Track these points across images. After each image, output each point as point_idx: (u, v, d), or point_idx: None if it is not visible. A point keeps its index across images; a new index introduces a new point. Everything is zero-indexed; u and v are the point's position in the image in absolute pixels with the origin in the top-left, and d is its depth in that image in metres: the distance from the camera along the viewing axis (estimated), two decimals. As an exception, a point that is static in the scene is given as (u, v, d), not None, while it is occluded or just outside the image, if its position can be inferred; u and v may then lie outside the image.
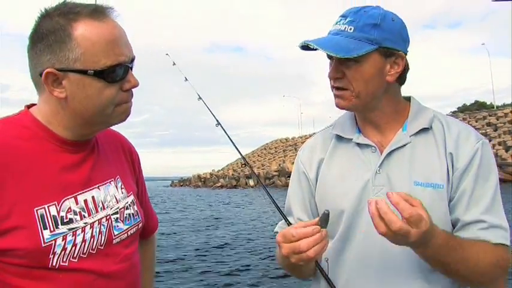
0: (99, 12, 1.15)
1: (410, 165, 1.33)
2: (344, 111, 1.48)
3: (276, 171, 57.88)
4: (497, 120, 50.47)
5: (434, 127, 1.37)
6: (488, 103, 72.86)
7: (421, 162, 1.33)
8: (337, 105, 1.38)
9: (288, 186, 1.60)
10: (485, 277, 1.26)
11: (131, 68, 1.21)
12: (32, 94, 1.26)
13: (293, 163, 1.61)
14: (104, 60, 1.13)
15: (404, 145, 1.35)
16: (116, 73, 1.15)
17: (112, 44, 1.14)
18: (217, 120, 1.94)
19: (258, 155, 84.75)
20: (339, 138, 1.47)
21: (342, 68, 1.31)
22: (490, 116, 52.81)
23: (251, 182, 65.18)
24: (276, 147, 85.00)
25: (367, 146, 1.40)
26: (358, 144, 1.41)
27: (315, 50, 1.30)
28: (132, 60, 1.20)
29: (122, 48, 1.16)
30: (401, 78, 1.38)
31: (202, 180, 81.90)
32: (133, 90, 1.23)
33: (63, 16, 1.13)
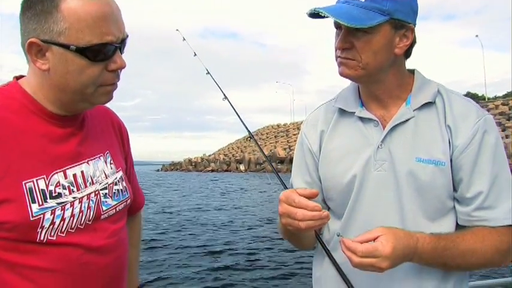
0: None
1: (413, 140, 1.31)
2: (348, 84, 1.46)
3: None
4: (488, 112, 50.41)
5: (438, 101, 1.34)
6: (480, 95, 73.27)
7: (424, 137, 1.30)
8: (341, 73, 1.33)
9: (278, 171, 1.60)
10: (487, 264, 1.26)
11: (121, 49, 1.17)
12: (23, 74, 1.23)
13: (284, 149, 1.62)
14: (88, 37, 1.09)
15: (408, 120, 1.32)
16: (101, 52, 1.12)
17: (100, 22, 1.10)
18: (224, 94, 1.93)
19: (250, 141, 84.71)
20: (342, 111, 1.44)
21: (350, 38, 1.27)
22: (481, 107, 52.99)
23: (242, 167, 65.34)
24: (267, 133, 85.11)
25: (369, 120, 1.37)
26: (361, 119, 1.39)
27: (324, 17, 1.25)
28: (123, 40, 1.17)
29: (110, 27, 1.12)
30: (407, 52, 1.35)
31: (193, 164, 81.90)
32: (121, 72, 1.20)
33: None
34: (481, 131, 1.27)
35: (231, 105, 1.91)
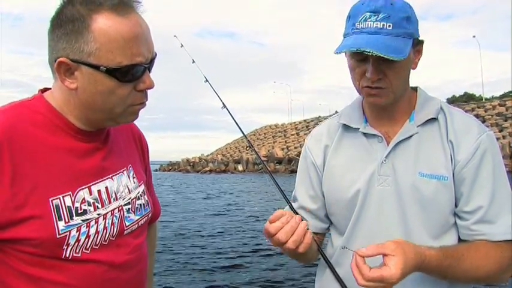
0: (123, 6, 1.08)
1: (416, 156, 1.32)
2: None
3: (264, 156, 57.75)
4: (485, 112, 50.95)
5: (440, 117, 1.36)
6: (477, 95, 73.46)
7: (427, 153, 1.32)
8: (374, 103, 1.34)
9: (276, 171, 1.61)
10: (489, 279, 1.28)
11: (149, 69, 1.15)
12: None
13: (282, 149, 1.62)
14: (119, 58, 1.07)
15: (411, 136, 1.34)
16: (130, 73, 1.10)
17: (130, 43, 1.08)
18: (223, 103, 1.92)
19: (248, 148, 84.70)
20: (346, 127, 1.46)
21: (382, 68, 1.26)
22: (478, 108, 53.25)
23: (240, 167, 65.36)
24: (265, 133, 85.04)
25: (373, 136, 1.39)
26: (365, 134, 1.40)
27: (360, 52, 1.22)
28: (152, 60, 1.15)
29: (140, 48, 1.10)
30: None
31: (191, 164, 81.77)
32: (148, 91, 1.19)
33: (85, 5, 1.07)
34: (482, 146, 1.28)
35: (230, 114, 1.89)
